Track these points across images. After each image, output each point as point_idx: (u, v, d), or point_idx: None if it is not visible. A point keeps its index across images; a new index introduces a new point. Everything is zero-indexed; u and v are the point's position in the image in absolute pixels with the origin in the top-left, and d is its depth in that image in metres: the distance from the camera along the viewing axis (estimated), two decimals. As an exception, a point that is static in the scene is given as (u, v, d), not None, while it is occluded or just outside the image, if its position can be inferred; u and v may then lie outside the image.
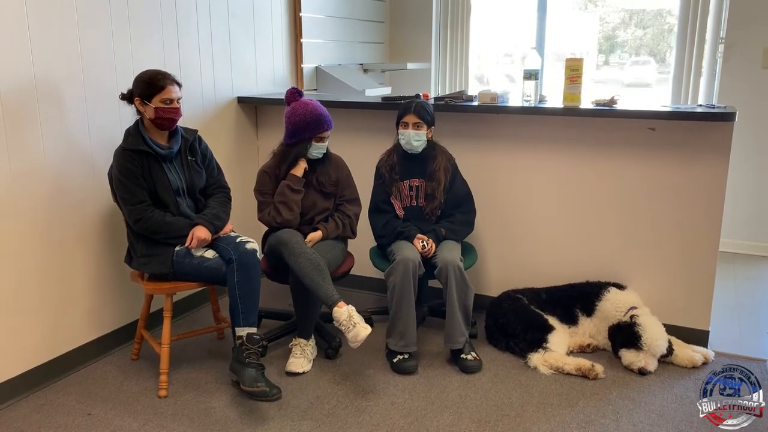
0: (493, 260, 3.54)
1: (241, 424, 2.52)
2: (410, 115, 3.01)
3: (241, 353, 2.59)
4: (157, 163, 2.72)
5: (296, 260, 2.77)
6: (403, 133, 3.03)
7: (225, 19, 3.64)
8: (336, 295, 2.70)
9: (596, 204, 3.26)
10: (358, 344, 2.61)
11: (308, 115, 2.93)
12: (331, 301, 2.68)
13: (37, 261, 2.73)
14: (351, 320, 2.62)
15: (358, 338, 2.59)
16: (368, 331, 2.61)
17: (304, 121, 2.93)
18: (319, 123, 2.94)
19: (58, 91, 2.73)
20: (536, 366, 2.92)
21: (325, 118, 2.97)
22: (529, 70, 3.23)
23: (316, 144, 2.98)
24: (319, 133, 2.95)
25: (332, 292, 2.71)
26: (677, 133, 3.04)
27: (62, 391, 2.76)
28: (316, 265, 2.76)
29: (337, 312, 2.65)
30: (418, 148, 3.05)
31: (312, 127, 2.93)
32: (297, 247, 2.80)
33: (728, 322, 3.45)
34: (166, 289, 2.74)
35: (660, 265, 3.18)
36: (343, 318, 2.63)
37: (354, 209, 3.14)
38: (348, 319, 2.62)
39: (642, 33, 7.56)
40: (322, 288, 2.71)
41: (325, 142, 3.02)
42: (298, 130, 2.95)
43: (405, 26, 5.39)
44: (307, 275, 2.74)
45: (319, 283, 2.72)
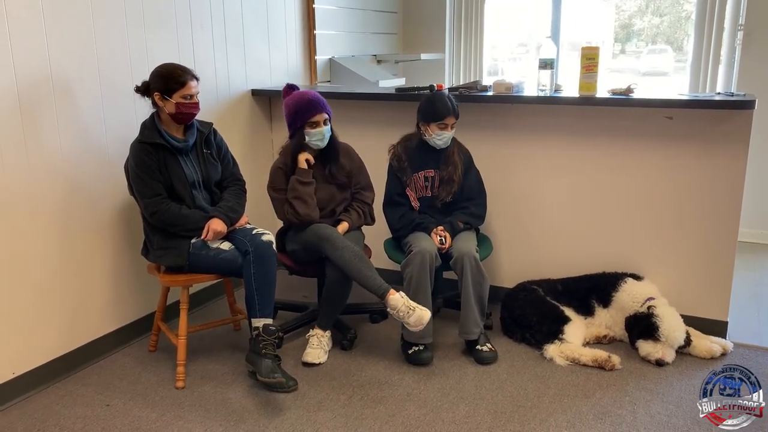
0: (508, 251, 3.52)
1: (257, 414, 2.53)
2: (451, 117, 2.99)
3: (257, 344, 2.61)
4: (172, 156, 2.73)
5: (341, 254, 2.78)
6: (441, 135, 3.00)
7: (238, 11, 3.64)
8: (386, 284, 2.73)
9: (612, 194, 3.23)
10: (421, 327, 2.65)
11: (297, 102, 2.93)
12: (383, 290, 2.71)
13: (56, 255, 2.76)
14: (409, 305, 2.66)
15: (422, 321, 2.63)
16: (429, 313, 2.66)
17: (294, 109, 2.93)
18: (307, 107, 2.90)
19: (73, 87, 2.75)
20: (552, 357, 2.90)
21: (314, 102, 2.91)
22: (544, 59, 3.20)
23: (310, 131, 2.92)
24: (309, 118, 2.89)
25: (381, 281, 2.74)
26: (695, 122, 3.00)
27: (81, 382, 2.80)
28: (360, 257, 2.78)
29: (393, 300, 2.68)
30: (449, 144, 3.07)
31: (301, 113, 2.90)
32: (339, 241, 2.81)
33: (747, 313, 3.41)
34: (183, 281, 2.76)
35: (678, 256, 3.15)
36: (401, 305, 2.66)
37: (371, 195, 3.16)
38: (406, 304, 2.66)
39: (659, 21, 7.47)
40: (371, 279, 2.74)
41: (321, 127, 2.93)
42: (292, 121, 2.95)
43: (418, 17, 5.36)
44: (354, 267, 2.76)
45: (366, 274, 2.75)
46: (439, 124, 2.99)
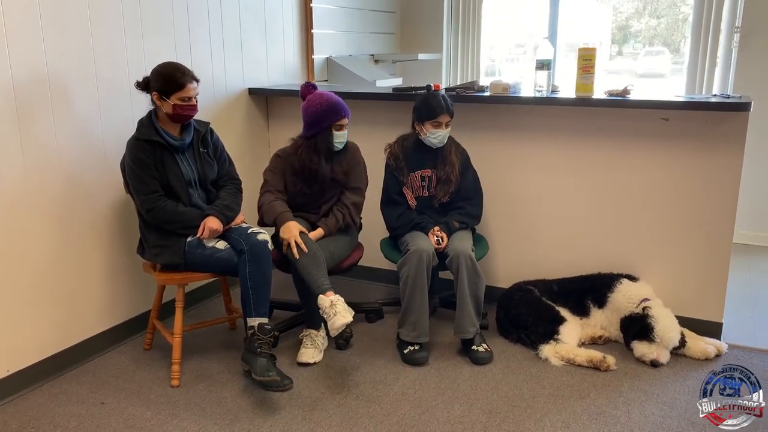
0: (504, 251, 3.53)
1: (252, 413, 2.53)
2: (445, 115, 2.99)
3: (252, 343, 2.60)
4: (169, 154, 2.73)
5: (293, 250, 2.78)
6: (436, 133, 3.00)
7: (236, 9, 3.63)
8: (325, 285, 2.69)
9: (608, 195, 3.24)
10: (335, 332, 2.59)
11: (325, 103, 2.95)
12: (320, 290, 2.68)
13: (51, 252, 2.75)
14: (333, 308, 2.60)
15: (334, 326, 2.57)
16: (345, 319, 2.57)
17: (322, 110, 2.94)
18: (336, 110, 2.95)
19: (70, 85, 2.75)
20: (547, 357, 2.91)
21: (342, 106, 2.98)
22: (541, 60, 3.21)
23: (336, 133, 2.98)
24: (338, 120, 2.96)
25: (323, 281, 2.71)
26: (691, 124, 3.01)
27: (76, 381, 2.79)
28: (312, 254, 2.77)
29: (321, 300, 2.64)
30: (444, 143, 3.06)
31: (330, 115, 2.94)
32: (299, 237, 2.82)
33: (742, 315, 3.42)
34: (178, 280, 2.76)
35: (673, 257, 3.16)
36: (325, 305, 2.62)
37: (353, 198, 3.08)
38: (330, 306, 2.61)
39: (656, 23, 7.49)
40: (313, 276, 2.72)
41: (344, 130, 3.01)
42: (316, 120, 2.96)
43: (416, 16, 5.36)
44: (301, 263, 2.75)
45: (311, 272, 2.73)
46: (433, 123, 2.99)
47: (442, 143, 3.05)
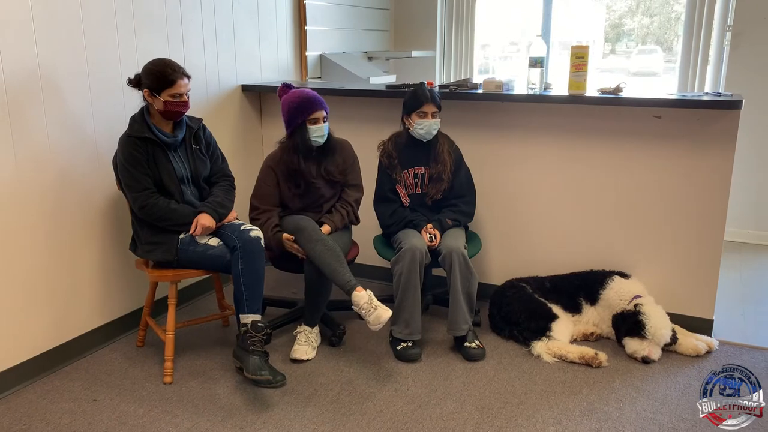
0: (497, 249, 3.54)
1: (245, 410, 2.53)
2: (429, 105, 2.99)
3: (245, 341, 2.60)
4: (161, 151, 2.72)
5: (314, 246, 2.78)
6: (422, 123, 3.00)
7: (229, 5, 3.62)
8: (354, 280, 2.73)
9: (601, 192, 3.25)
10: (379, 326, 2.64)
11: (296, 100, 2.94)
12: (350, 286, 2.70)
13: (43, 249, 2.74)
14: (372, 303, 2.65)
15: (380, 320, 2.62)
16: (389, 313, 2.65)
17: (294, 106, 2.93)
18: (306, 105, 2.92)
19: (62, 81, 2.73)
20: (539, 354, 2.92)
21: (313, 100, 2.94)
22: (534, 58, 3.21)
23: (311, 127, 2.94)
24: (310, 115, 2.92)
25: (350, 277, 2.74)
26: (683, 122, 3.02)
27: (68, 377, 2.78)
28: (333, 251, 2.78)
29: (357, 296, 2.67)
30: (433, 136, 3.06)
31: (302, 109, 2.92)
32: (314, 233, 2.81)
33: (733, 312, 3.45)
34: (171, 277, 2.75)
35: (665, 254, 3.18)
36: (363, 302, 2.66)
37: (355, 195, 3.12)
38: (369, 302, 2.65)
39: (649, 21, 7.52)
40: (340, 273, 2.74)
41: (320, 124, 2.96)
42: (291, 118, 2.95)
43: (410, 14, 5.36)
44: (325, 261, 2.76)
45: (336, 268, 2.75)
46: (419, 113, 3.00)
47: (430, 134, 3.04)
